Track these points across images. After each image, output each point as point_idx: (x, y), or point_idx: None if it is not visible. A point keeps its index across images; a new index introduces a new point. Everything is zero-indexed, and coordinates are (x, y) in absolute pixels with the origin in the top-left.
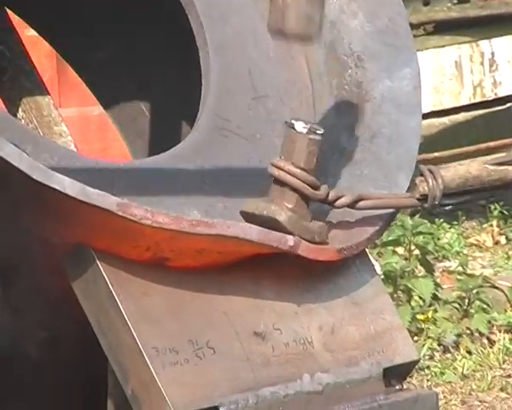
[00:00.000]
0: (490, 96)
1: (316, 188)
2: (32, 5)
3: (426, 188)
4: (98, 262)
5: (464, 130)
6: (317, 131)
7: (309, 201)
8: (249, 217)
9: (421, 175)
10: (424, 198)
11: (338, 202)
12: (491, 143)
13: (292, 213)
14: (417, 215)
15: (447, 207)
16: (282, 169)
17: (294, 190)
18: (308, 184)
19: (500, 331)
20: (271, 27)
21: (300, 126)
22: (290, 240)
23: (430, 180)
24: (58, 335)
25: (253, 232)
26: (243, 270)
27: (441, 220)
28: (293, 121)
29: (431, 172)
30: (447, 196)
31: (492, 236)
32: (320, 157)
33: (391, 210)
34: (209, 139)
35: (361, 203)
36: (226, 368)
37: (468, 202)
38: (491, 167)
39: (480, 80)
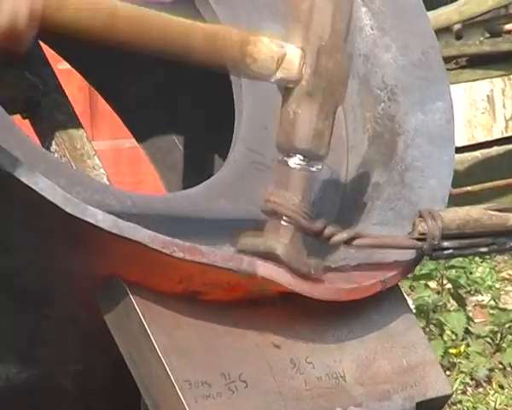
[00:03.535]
0: None
1: (311, 221)
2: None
3: (425, 228)
4: (130, 295)
5: (496, 164)
6: (311, 168)
7: (304, 234)
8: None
9: (420, 216)
10: (425, 239)
11: (333, 239)
12: None
13: (288, 245)
14: None
15: (446, 252)
16: (276, 202)
17: (289, 221)
18: (303, 216)
19: None
20: (279, 143)
21: (293, 162)
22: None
23: (429, 220)
24: (90, 367)
25: (284, 276)
26: (277, 304)
27: None
28: (285, 159)
29: (429, 212)
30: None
31: None
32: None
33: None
34: (242, 173)
35: (356, 241)
36: (258, 402)
37: (471, 246)
38: (492, 212)
39: None
